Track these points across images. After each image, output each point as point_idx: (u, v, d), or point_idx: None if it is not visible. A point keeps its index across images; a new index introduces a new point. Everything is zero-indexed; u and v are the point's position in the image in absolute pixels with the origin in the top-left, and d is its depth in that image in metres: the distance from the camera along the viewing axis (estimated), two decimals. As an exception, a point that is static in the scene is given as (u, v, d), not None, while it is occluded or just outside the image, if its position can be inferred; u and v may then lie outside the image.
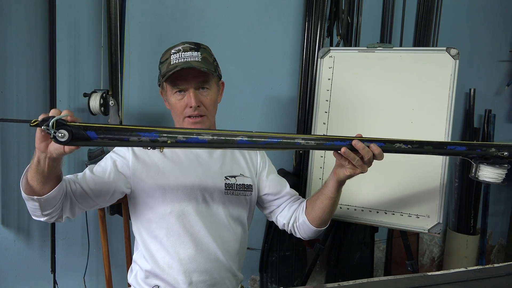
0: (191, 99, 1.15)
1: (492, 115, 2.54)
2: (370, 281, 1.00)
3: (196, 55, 1.15)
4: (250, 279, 2.13)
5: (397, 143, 1.01)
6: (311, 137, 0.99)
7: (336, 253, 2.20)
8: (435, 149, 1.04)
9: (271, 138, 0.95)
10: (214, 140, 0.90)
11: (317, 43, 1.99)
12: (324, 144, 1.00)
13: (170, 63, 1.15)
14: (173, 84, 1.16)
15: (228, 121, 1.90)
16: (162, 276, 1.17)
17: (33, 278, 1.67)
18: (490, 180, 1.05)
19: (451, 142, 1.05)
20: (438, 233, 1.55)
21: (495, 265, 1.11)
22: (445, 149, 1.05)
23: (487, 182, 1.06)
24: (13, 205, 1.60)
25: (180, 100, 1.17)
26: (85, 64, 1.64)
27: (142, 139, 0.85)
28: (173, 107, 1.19)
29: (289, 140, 0.97)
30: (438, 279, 1.00)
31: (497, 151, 1.04)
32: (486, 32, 2.55)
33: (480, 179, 1.07)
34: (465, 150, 1.05)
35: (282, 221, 1.31)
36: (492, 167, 1.05)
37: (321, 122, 1.71)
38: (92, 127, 0.84)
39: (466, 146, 1.05)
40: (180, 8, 1.78)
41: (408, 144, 1.01)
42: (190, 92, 1.15)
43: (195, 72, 1.14)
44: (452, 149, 1.04)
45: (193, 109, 1.15)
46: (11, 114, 1.56)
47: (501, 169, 1.05)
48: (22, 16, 1.53)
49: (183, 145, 0.89)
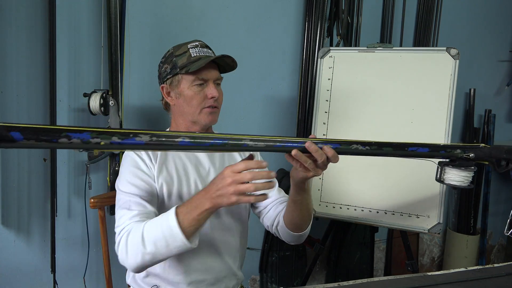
0: (213, 89, 1.17)
1: (492, 115, 2.54)
2: (370, 281, 1.00)
3: (213, 52, 1.21)
4: (250, 279, 2.12)
5: (354, 144, 0.96)
6: (260, 138, 0.93)
7: (336, 253, 2.20)
8: (396, 151, 0.98)
9: (216, 139, 0.89)
10: (153, 142, 0.83)
11: (317, 43, 1.99)
12: (274, 146, 0.93)
13: (191, 55, 1.16)
14: (198, 74, 1.16)
15: (228, 121, 1.90)
16: (162, 275, 1.17)
17: (33, 278, 1.67)
18: (455, 183, 0.99)
19: (412, 143, 0.98)
20: (438, 233, 1.55)
21: (495, 265, 1.11)
22: (406, 151, 0.99)
23: (453, 185, 1.00)
24: (13, 205, 1.60)
25: (200, 92, 1.17)
26: (85, 64, 1.64)
27: (72, 141, 0.77)
28: (189, 100, 1.17)
29: (236, 142, 0.91)
30: (438, 279, 1.00)
31: (462, 152, 0.99)
32: (486, 32, 2.55)
33: (445, 182, 1.01)
34: (428, 152, 0.99)
35: (267, 223, 1.29)
36: (457, 169, 0.99)
37: (321, 122, 1.71)
38: (16, 127, 0.76)
39: (429, 147, 0.99)
40: (180, 8, 1.78)
41: (366, 146, 0.96)
42: (210, 84, 1.17)
43: (214, 66, 1.19)
44: (414, 150, 0.99)
45: (214, 100, 1.17)
46: (11, 114, 1.56)
47: (467, 171, 0.99)
48: (22, 16, 1.53)
49: (118, 146, 0.82)
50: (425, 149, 0.99)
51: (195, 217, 0.95)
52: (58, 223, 1.64)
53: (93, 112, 1.55)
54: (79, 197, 1.68)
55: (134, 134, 0.82)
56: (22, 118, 1.58)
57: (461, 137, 2.56)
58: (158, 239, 0.96)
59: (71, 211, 1.69)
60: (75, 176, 1.68)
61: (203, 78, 1.17)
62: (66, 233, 1.69)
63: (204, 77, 1.17)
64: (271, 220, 1.27)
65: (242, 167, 0.90)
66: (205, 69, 1.16)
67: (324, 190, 1.71)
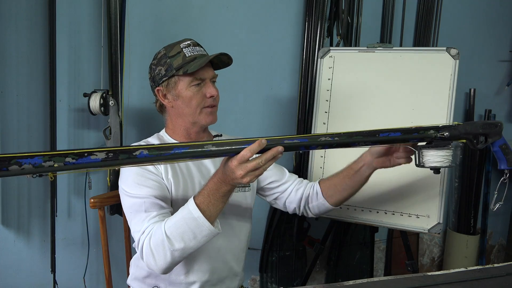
0: (212, 88, 1.16)
1: (492, 115, 2.54)
2: (370, 281, 1.00)
3: (205, 50, 1.21)
4: (250, 279, 2.12)
5: (322, 136, 0.96)
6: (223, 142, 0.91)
7: (336, 253, 2.20)
8: (366, 138, 0.97)
9: (176, 148, 0.86)
10: (110, 158, 0.80)
11: (317, 43, 1.99)
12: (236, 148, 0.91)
13: (185, 55, 1.15)
14: (195, 75, 1.15)
15: (228, 121, 1.90)
16: (163, 276, 1.17)
17: (33, 278, 1.67)
18: (437, 164, 0.97)
19: (383, 129, 0.97)
20: (438, 233, 1.55)
21: (495, 265, 1.11)
22: (377, 137, 0.98)
23: (435, 167, 0.98)
24: (13, 205, 1.60)
25: (198, 92, 1.16)
26: (85, 64, 1.64)
27: (24, 167, 0.74)
28: (188, 101, 1.16)
29: (198, 149, 0.89)
30: (438, 279, 1.00)
31: (436, 132, 0.98)
32: (486, 32, 2.55)
33: (426, 166, 0.99)
34: (400, 136, 0.98)
35: (292, 206, 1.34)
36: (435, 150, 0.97)
37: (321, 122, 1.71)
38: None
39: (400, 131, 0.98)
40: (180, 8, 1.78)
41: (335, 137, 0.95)
42: (208, 83, 1.17)
43: (209, 65, 1.18)
44: (385, 136, 0.97)
45: (213, 99, 1.17)
46: (11, 114, 1.56)
47: (446, 150, 0.97)
48: (22, 16, 1.53)
49: (74, 167, 0.78)
50: (396, 133, 0.98)
51: (216, 202, 0.98)
52: (58, 223, 1.64)
53: (93, 112, 1.55)
54: (79, 197, 1.68)
55: (89, 153, 0.79)
56: (22, 118, 1.58)
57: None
58: (185, 233, 0.98)
59: (71, 211, 1.69)
60: (75, 176, 1.68)
61: (201, 78, 1.16)
62: (66, 233, 1.70)
63: (202, 76, 1.16)
64: (296, 202, 1.33)
65: (248, 155, 0.90)
66: (202, 68, 1.15)
67: (324, 190, 1.71)
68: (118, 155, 0.82)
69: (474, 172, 2.49)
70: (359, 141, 0.98)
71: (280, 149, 0.91)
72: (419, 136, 0.99)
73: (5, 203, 1.58)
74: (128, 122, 1.70)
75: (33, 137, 1.60)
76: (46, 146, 1.60)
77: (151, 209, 1.06)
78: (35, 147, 1.60)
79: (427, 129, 0.98)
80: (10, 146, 1.57)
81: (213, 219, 0.99)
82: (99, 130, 1.64)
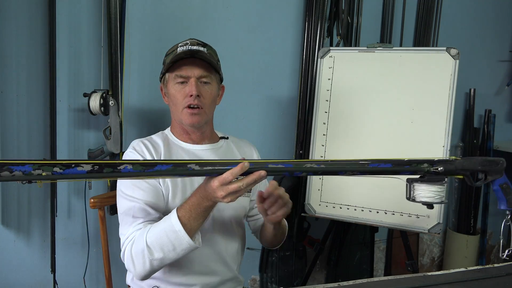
0: (192, 87, 1.14)
1: (492, 115, 2.54)
2: (370, 281, 1.00)
3: (203, 50, 1.17)
4: (250, 279, 2.12)
5: (308, 163, 0.92)
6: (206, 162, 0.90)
7: (336, 253, 2.20)
8: (354, 167, 0.93)
9: (160, 165, 0.86)
10: (95, 170, 0.83)
11: (317, 43, 1.99)
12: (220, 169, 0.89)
13: (176, 53, 1.15)
14: (176, 72, 1.15)
15: (228, 121, 1.90)
16: (163, 278, 1.17)
17: (33, 278, 1.67)
18: (428, 200, 0.92)
19: (374, 159, 0.93)
20: (438, 233, 1.55)
21: (495, 265, 1.11)
22: (366, 167, 0.93)
23: (425, 202, 0.93)
24: (13, 205, 1.60)
25: (180, 90, 1.16)
26: (85, 64, 1.64)
27: (15, 173, 0.78)
28: (173, 98, 1.17)
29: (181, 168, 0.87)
30: (438, 279, 1.00)
31: (430, 166, 0.91)
32: (486, 32, 2.55)
33: (416, 200, 0.93)
34: (391, 168, 0.93)
35: (252, 228, 1.38)
36: (427, 185, 0.92)
37: (321, 122, 1.71)
38: None
39: (391, 163, 0.92)
40: (180, 8, 1.78)
41: (321, 164, 0.91)
42: (192, 81, 1.15)
43: (199, 63, 1.15)
44: (375, 166, 0.92)
45: (193, 98, 1.14)
46: (11, 114, 1.56)
47: (438, 186, 0.91)
48: (22, 16, 1.53)
49: (60, 177, 0.82)
50: (387, 164, 0.93)
51: (197, 216, 0.98)
52: (58, 223, 1.64)
53: (93, 112, 1.55)
54: (79, 197, 1.68)
55: (76, 164, 0.81)
56: (22, 118, 1.58)
57: (461, 137, 2.56)
58: (165, 244, 0.99)
59: (71, 211, 1.69)
60: (75, 176, 1.68)
61: (182, 76, 1.15)
62: (66, 233, 1.69)
63: (184, 74, 1.15)
64: (255, 228, 1.36)
65: (229, 178, 0.89)
66: (186, 66, 1.15)
67: (324, 190, 1.71)
68: (103, 168, 0.84)
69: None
70: (346, 170, 0.93)
71: (262, 174, 0.89)
72: (411, 169, 0.93)
73: (5, 203, 1.58)
74: (128, 122, 1.70)
75: (33, 137, 1.60)
76: (46, 146, 1.60)
77: (139, 214, 1.08)
78: (35, 147, 1.60)
79: (420, 162, 0.93)
80: (10, 146, 1.57)
81: (193, 232, 1.00)
82: (99, 130, 1.64)
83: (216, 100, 1.23)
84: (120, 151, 1.58)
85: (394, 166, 0.93)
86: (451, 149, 1.55)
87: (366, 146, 1.65)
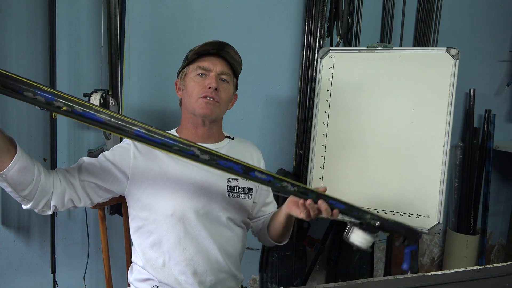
0: (212, 79, 1.16)
1: (492, 115, 2.54)
2: (370, 281, 1.00)
3: (231, 47, 1.21)
4: (250, 279, 2.12)
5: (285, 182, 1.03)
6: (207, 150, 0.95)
7: (336, 253, 2.20)
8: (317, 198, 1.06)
9: (168, 138, 0.91)
10: (111, 123, 0.86)
11: (317, 43, 1.99)
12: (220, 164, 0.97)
13: (203, 44, 1.18)
14: (199, 63, 1.18)
15: (228, 121, 1.89)
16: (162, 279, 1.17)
17: (33, 278, 1.67)
18: (357, 243, 1.08)
19: (334, 198, 1.08)
20: (438, 233, 1.55)
21: (495, 265, 1.11)
22: (326, 201, 1.07)
23: (355, 245, 1.09)
24: (13, 205, 1.60)
25: (200, 82, 1.18)
26: (85, 64, 1.64)
27: (37, 97, 0.80)
28: (190, 89, 1.19)
29: (185, 146, 0.93)
30: (438, 279, 1.00)
31: (371, 218, 1.08)
32: (486, 32, 2.55)
33: (349, 240, 1.10)
34: (343, 209, 1.09)
35: (254, 228, 1.39)
36: (363, 232, 1.08)
37: (321, 122, 1.71)
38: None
39: (345, 205, 1.08)
40: (180, 8, 1.78)
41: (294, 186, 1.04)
42: (212, 74, 1.17)
43: (222, 60, 1.19)
44: (332, 203, 1.07)
45: (211, 91, 1.16)
46: (11, 114, 1.56)
47: (370, 236, 1.08)
48: (22, 16, 1.53)
49: (78, 117, 0.84)
50: (342, 205, 1.08)
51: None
52: (58, 223, 1.64)
53: (93, 112, 1.55)
54: (79, 197, 1.68)
55: (96, 111, 0.85)
56: (22, 118, 1.58)
57: (461, 137, 2.56)
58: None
59: (71, 211, 1.69)
60: (75, 176, 1.68)
61: (204, 68, 1.18)
62: (66, 233, 1.69)
63: (205, 66, 1.18)
64: (257, 228, 1.38)
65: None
66: (208, 59, 1.18)
67: (324, 190, 1.71)
68: (119, 122, 0.88)
69: (474, 172, 2.49)
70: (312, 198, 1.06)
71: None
72: (357, 216, 1.09)
73: (5, 203, 1.58)
74: (128, 122, 1.70)
75: (33, 137, 1.60)
76: (46, 146, 1.60)
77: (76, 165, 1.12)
78: (35, 147, 1.60)
79: (366, 212, 1.09)
80: (10, 146, 1.57)
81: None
82: (99, 130, 1.63)
83: (229, 102, 1.26)
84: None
85: (346, 208, 1.09)
86: (451, 149, 1.55)
87: (366, 146, 1.65)
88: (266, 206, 1.38)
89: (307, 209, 1.07)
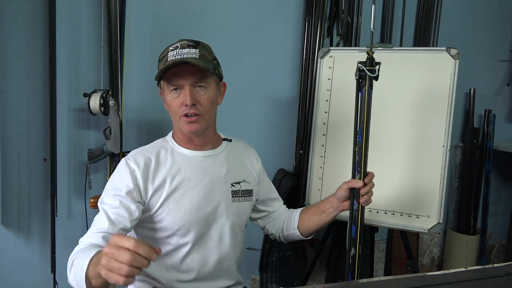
0: (186, 97, 1.09)
1: (492, 115, 2.54)
2: (370, 281, 1.00)
3: (194, 52, 1.10)
4: (250, 279, 2.12)
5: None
6: None
7: (336, 253, 2.20)
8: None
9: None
10: None
11: (317, 43, 1.99)
12: None
13: (167, 60, 1.10)
14: (168, 81, 1.11)
15: (228, 121, 1.90)
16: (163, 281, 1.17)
17: (33, 278, 1.67)
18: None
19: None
20: (438, 233, 1.55)
21: (495, 265, 1.11)
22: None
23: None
24: (13, 205, 1.60)
25: (176, 99, 1.11)
26: (85, 64, 1.64)
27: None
28: (170, 106, 1.15)
29: None
30: (438, 279, 1.00)
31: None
32: (486, 32, 2.55)
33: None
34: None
35: (271, 230, 1.40)
36: None
37: (321, 122, 1.71)
38: None
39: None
40: (180, 8, 1.78)
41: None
42: (185, 89, 1.09)
43: (191, 69, 1.09)
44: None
45: (189, 107, 1.09)
46: (11, 114, 1.56)
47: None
48: (22, 16, 1.53)
49: None
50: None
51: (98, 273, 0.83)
52: (58, 223, 1.64)
53: (93, 112, 1.55)
54: (79, 197, 1.68)
55: None
56: (22, 118, 1.58)
57: (461, 137, 2.56)
58: (76, 273, 0.91)
59: (71, 211, 1.69)
60: (75, 176, 1.68)
61: (175, 84, 1.11)
62: (66, 233, 1.69)
63: (176, 83, 1.11)
64: (276, 228, 1.39)
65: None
66: (178, 74, 1.09)
67: (324, 190, 1.70)
68: None
69: (474, 172, 2.49)
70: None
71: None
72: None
73: (5, 203, 1.58)
74: (128, 122, 1.70)
75: (33, 137, 1.60)
76: (46, 146, 1.60)
77: (99, 224, 1.06)
78: (35, 147, 1.60)
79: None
80: (10, 146, 1.57)
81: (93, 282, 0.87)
82: (99, 130, 1.64)
83: (216, 102, 1.18)
84: (120, 151, 1.58)
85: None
86: (451, 149, 1.55)
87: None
88: (272, 201, 1.40)
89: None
